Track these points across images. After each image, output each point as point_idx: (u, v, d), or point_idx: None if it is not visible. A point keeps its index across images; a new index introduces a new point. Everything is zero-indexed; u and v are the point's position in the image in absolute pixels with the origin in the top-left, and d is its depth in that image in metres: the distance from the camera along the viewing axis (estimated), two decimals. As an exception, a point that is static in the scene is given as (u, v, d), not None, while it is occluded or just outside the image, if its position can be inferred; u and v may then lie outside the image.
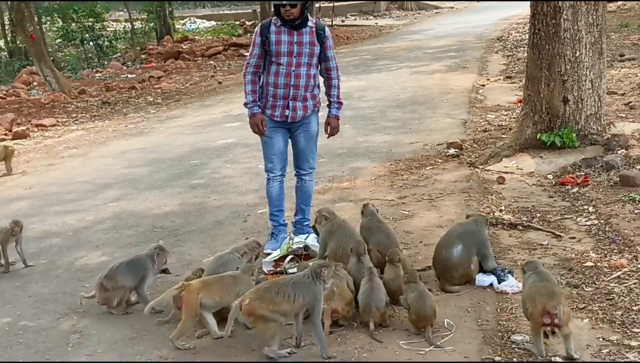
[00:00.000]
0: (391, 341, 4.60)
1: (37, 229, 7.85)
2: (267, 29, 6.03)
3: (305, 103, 6.16)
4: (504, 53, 19.96)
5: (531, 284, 4.41)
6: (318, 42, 6.08)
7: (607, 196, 7.08)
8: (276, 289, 4.41)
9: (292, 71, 6.03)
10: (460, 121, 11.54)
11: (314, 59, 6.10)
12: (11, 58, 29.42)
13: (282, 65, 6.02)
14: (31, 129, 15.12)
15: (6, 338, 5.20)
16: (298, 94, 6.09)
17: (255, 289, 4.50)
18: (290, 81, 6.04)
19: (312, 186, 6.56)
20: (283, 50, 5.99)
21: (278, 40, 5.99)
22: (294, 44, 5.99)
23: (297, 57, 6.02)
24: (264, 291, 4.41)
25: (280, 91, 6.07)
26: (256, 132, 6.23)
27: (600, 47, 8.32)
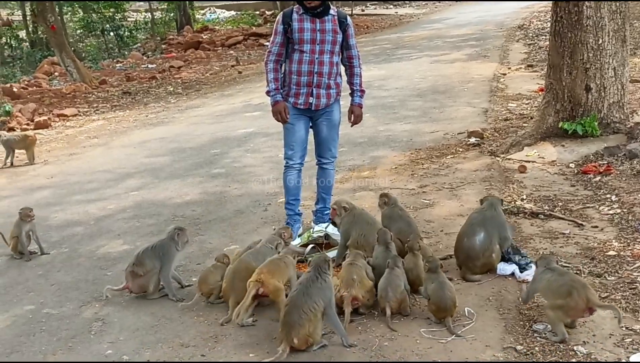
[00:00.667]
0: (412, 330, 4.59)
1: (59, 218, 7.91)
2: (290, 17, 6.00)
3: (328, 91, 6.12)
4: (525, 42, 19.86)
5: (552, 279, 4.44)
6: (340, 30, 6.04)
7: (630, 184, 7.03)
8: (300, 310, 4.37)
9: (315, 58, 5.99)
10: (481, 109, 11.49)
11: (336, 47, 6.06)
12: (33, 49, 29.59)
13: (306, 52, 5.97)
14: (53, 119, 15.20)
15: (30, 325, 5.24)
16: (322, 82, 6.05)
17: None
18: (314, 68, 6.00)
19: (333, 175, 6.54)
20: (306, 37, 5.96)
21: (301, 28, 5.95)
22: (316, 31, 5.95)
23: (320, 44, 5.98)
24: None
25: (303, 79, 6.03)
26: (279, 120, 6.19)
27: (624, 34, 8.24)
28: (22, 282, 6.09)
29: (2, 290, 5.95)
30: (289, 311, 4.38)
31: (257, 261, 5.09)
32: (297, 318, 4.32)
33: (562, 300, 4.30)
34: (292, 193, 6.42)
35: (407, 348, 4.37)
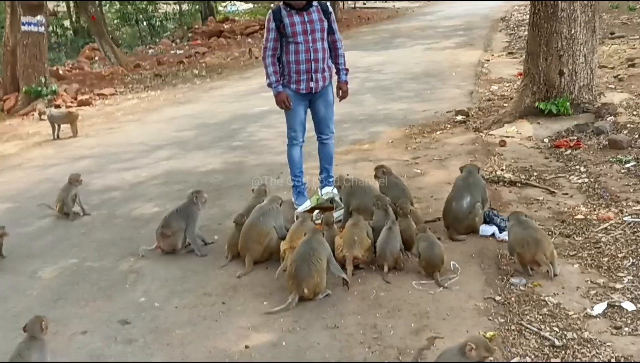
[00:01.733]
0: (405, 282, 4.61)
1: (99, 184, 7.92)
2: (280, 14, 5.92)
3: (324, 74, 6.07)
4: (506, 32, 19.72)
5: (516, 232, 4.64)
6: (325, 18, 5.99)
7: (596, 157, 7.00)
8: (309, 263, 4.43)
9: (310, 47, 5.92)
10: (467, 91, 11.42)
11: (325, 33, 6.00)
12: (76, 36, 29.52)
13: (301, 43, 5.90)
14: (93, 98, 15.20)
15: (74, 276, 5.27)
16: (319, 67, 6.00)
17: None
18: (311, 56, 5.94)
19: (333, 147, 6.51)
20: (298, 30, 5.88)
21: (292, 22, 5.87)
22: (306, 23, 5.88)
23: (311, 34, 5.91)
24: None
25: (303, 67, 5.96)
26: (282, 108, 6.14)
27: (594, 25, 8.16)
28: (67, 239, 6.13)
29: (50, 246, 5.99)
30: (298, 266, 4.40)
31: (265, 222, 5.20)
32: (307, 270, 4.36)
33: (518, 249, 4.56)
34: (298, 166, 6.39)
35: (400, 298, 4.39)
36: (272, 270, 4.92)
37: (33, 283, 5.22)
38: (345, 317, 4.20)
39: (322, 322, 4.16)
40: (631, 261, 4.62)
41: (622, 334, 3.77)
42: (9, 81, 14.76)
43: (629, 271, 4.49)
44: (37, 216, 6.82)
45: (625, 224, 5.23)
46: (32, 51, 14.36)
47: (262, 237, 5.12)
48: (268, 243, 5.13)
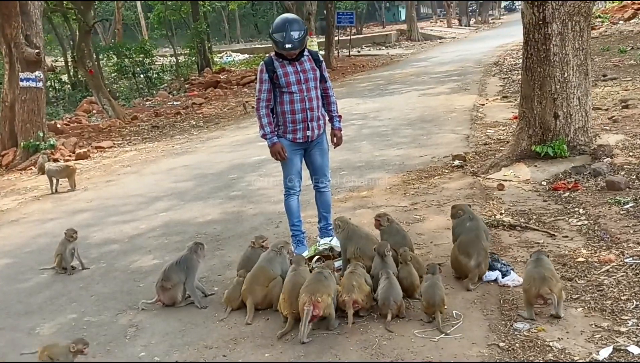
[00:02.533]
0: (407, 330, 4.56)
1: (98, 237, 7.91)
2: (272, 65, 5.93)
3: (319, 122, 6.10)
4: (500, 76, 19.87)
5: (528, 269, 4.71)
6: (317, 66, 6.04)
7: (595, 199, 7.00)
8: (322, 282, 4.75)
9: (304, 96, 5.94)
10: (464, 136, 11.48)
11: (317, 81, 6.04)
12: (73, 90, 29.80)
13: (295, 93, 5.91)
14: (91, 151, 15.27)
15: (72, 332, 5.22)
16: (314, 115, 6.02)
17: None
18: (306, 105, 5.95)
19: (330, 196, 6.49)
20: (292, 80, 5.90)
21: (285, 73, 5.89)
22: (299, 72, 5.92)
23: (305, 83, 5.94)
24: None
25: (298, 116, 5.97)
26: (278, 159, 6.11)
27: (586, 68, 8.25)
28: (66, 294, 6.08)
29: (48, 301, 5.94)
30: (311, 282, 4.70)
31: (272, 267, 5.29)
32: (320, 286, 4.64)
33: (525, 285, 4.62)
34: (296, 215, 6.34)
35: (403, 346, 4.34)
36: (272, 320, 4.89)
37: (31, 340, 5.16)
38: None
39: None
40: (635, 304, 4.58)
41: (630, 378, 3.72)
42: (7, 136, 14.86)
43: (633, 313, 4.46)
44: (35, 272, 6.79)
45: (627, 266, 5.21)
46: (30, 106, 14.48)
47: (268, 281, 5.14)
48: (272, 288, 5.10)
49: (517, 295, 4.93)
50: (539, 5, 8.08)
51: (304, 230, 6.44)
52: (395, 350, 4.29)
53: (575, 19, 8.06)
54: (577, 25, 8.09)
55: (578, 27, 8.09)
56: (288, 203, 6.29)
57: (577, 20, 8.08)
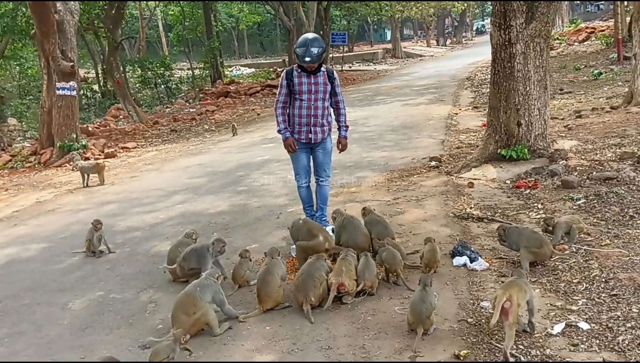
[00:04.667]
0: (389, 308, 4.57)
1: (123, 225, 7.89)
2: (291, 74, 6.06)
3: (322, 128, 6.15)
4: (472, 89, 19.89)
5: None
6: (329, 82, 6.10)
7: (552, 196, 7.01)
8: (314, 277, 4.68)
9: (312, 104, 6.03)
10: (439, 140, 11.48)
11: (327, 95, 6.11)
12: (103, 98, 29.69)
13: (304, 100, 6.02)
14: (118, 151, 15.24)
15: (100, 307, 5.22)
16: (317, 122, 6.09)
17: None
18: (311, 112, 6.05)
19: (328, 190, 6.51)
20: (304, 89, 6.00)
21: (300, 83, 6.01)
22: (312, 84, 6.00)
23: (314, 94, 6.02)
24: None
25: (303, 120, 6.08)
26: (289, 151, 6.21)
27: (545, 83, 8.26)
28: (95, 274, 6.08)
29: (79, 280, 5.93)
30: (305, 279, 4.61)
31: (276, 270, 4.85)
32: (313, 283, 4.58)
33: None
34: (306, 201, 6.49)
35: (386, 322, 4.34)
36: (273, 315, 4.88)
37: (64, 313, 5.16)
38: (338, 339, 4.15)
39: (317, 344, 4.11)
40: (585, 286, 4.60)
41: (579, 350, 3.73)
42: (45, 137, 14.82)
43: (583, 294, 4.47)
44: (68, 255, 6.78)
45: (578, 254, 5.22)
46: (66, 112, 14.44)
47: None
48: (278, 294, 4.78)
49: (483, 278, 4.94)
50: (505, 28, 8.08)
51: (314, 213, 6.47)
52: (378, 325, 4.29)
53: (536, 40, 8.07)
54: (538, 46, 8.10)
55: (539, 47, 8.11)
56: (299, 192, 6.49)
57: (538, 42, 8.09)
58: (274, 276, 4.77)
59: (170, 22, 41.02)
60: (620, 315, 4.07)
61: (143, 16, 37.84)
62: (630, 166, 7.51)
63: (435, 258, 5.11)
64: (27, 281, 6.08)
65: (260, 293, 4.71)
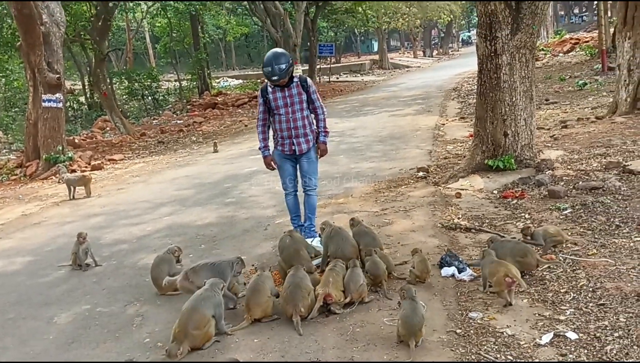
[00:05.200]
0: (378, 319, 4.55)
1: (109, 237, 7.83)
2: (266, 91, 6.17)
3: (306, 138, 6.23)
4: (458, 100, 20.00)
5: (490, 264, 4.76)
6: (304, 91, 6.16)
7: (538, 206, 7.04)
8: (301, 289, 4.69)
9: (290, 117, 6.12)
10: (427, 151, 11.52)
11: (304, 104, 6.18)
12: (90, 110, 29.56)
13: (282, 114, 6.12)
14: (105, 163, 15.14)
15: (86, 320, 5.17)
16: (299, 133, 6.18)
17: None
18: (291, 125, 6.14)
19: (316, 200, 6.54)
20: (280, 103, 6.10)
21: (275, 98, 6.10)
22: (286, 97, 6.09)
23: (291, 106, 6.11)
24: None
25: (285, 133, 6.19)
26: (268, 168, 6.43)
27: (531, 94, 8.32)
28: (81, 287, 6.02)
29: (65, 294, 5.87)
30: (292, 290, 4.61)
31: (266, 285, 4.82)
32: (301, 294, 4.58)
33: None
34: (293, 211, 6.54)
35: (374, 333, 4.32)
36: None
37: (50, 327, 5.10)
38: (326, 351, 4.12)
39: (305, 356, 4.09)
40: (572, 295, 4.61)
41: (567, 360, 3.73)
42: (31, 149, 14.70)
43: (570, 304, 4.48)
44: (54, 268, 6.72)
45: (565, 263, 5.24)
46: (52, 124, 14.34)
47: (265, 296, 4.72)
48: (268, 305, 4.75)
49: (472, 288, 4.94)
50: (491, 39, 8.15)
51: (300, 224, 6.51)
52: (367, 337, 4.27)
53: (522, 51, 8.14)
54: (524, 57, 8.17)
55: (524, 58, 8.18)
56: (286, 201, 6.55)
57: (524, 53, 8.16)
58: (264, 286, 4.77)
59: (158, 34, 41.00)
60: (608, 324, 4.09)
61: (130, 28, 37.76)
62: (616, 176, 7.57)
63: (427, 268, 5.13)
64: (12, 295, 6.01)
65: (250, 302, 4.69)
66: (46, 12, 14.51)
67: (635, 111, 11.65)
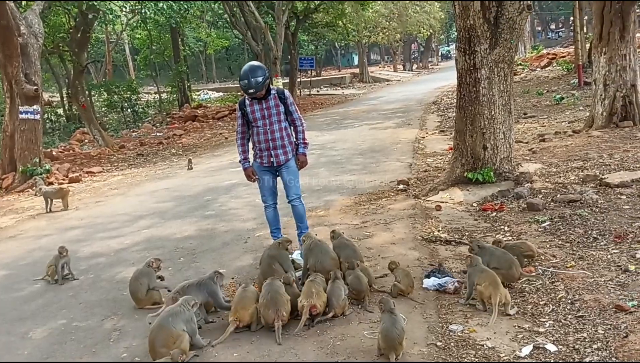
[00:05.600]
0: (358, 332, 4.52)
1: (87, 251, 7.72)
2: (243, 104, 6.17)
3: (284, 149, 6.21)
4: (438, 113, 20.14)
5: (480, 273, 4.77)
6: (281, 103, 6.15)
7: (517, 218, 7.09)
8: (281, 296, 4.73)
9: (267, 129, 6.11)
10: (407, 164, 11.56)
11: (281, 116, 6.16)
12: (68, 122, 29.34)
13: (260, 127, 6.11)
14: (83, 175, 14.99)
15: (62, 336, 5.07)
16: (277, 145, 6.16)
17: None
18: (269, 137, 6.12)
19: (302, 209, 6.45)
20: (258, 116, 6.09)
21: (252, 111, 6.09)
22: (264, 110, 6.08)
23: (268, 118, 6.09)
24: None
25: (263, 145, 6.17)
26: (249, 180, 6.38)
27: (510, 107, 8.41)
28: (57, 302, 5.91)
29: (40, 309, 5.77)
30: (273, 296, 4.62)
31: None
32: (282, 301, 4.61)
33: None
34: (273, 224, 6.47)
35: (355, 346, 4.30)
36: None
37: (24, 343, 5.00)
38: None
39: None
40: (551, 308, 4.63)
41: (547, 372, 3.74)
42: (7, 161, 14.51)
43: (549, 316, 4.50)
44: (30, 282, 6.60)
45: (544, 276, 5.27)
46: (29, 136, 14.21)
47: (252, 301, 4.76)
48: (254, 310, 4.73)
49: (452, 301, 4.94)
50: (470, 53, 8.23)
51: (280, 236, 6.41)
52: (347, 350, 4.25)
53: (500, 65, 8.24)
54: (502, 71, 8.26)
55: (503, 72, 8.27)
56: (265, 214, 6.49)
57: (502, 67, 8.25)
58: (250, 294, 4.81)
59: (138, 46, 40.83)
60: (587, 336, 4.11)
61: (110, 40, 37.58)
62: (593, 189, 7.66)
63: (412, 282, 5.13)
64: (-14, 310, 5.89)
65: (237, 306, 4.68)
66: (24, 24, 14.42)
67: (611, 125, 11.84)
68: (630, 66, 11.78)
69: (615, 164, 8.82)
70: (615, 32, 11.67)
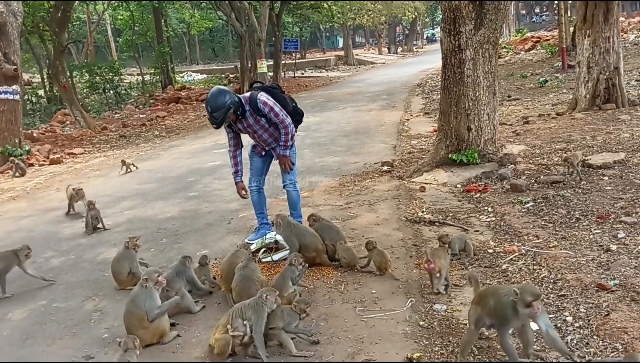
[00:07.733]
0: (341, 312, 4.51)
1: (68, 232, 7.66)
2: (228, 124, 5.99)
3: (279, 143, 6.04)
4: (422, 96, 20.11)
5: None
6: (260, 116, 5.90)
7: (501, 199, 7.10)
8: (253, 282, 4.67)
9: (258, 139, 6.11)
10: (391, 145, 11.54)
11: (266, 125, 5.97)
12: (49, 103, 28.94)
13: (250, 134, 6.08)
14: (64, 157, 14.83)
15: (42, 317, 5.02)
16: (271, 146, 6.14)
17: None
18: (261, 142, 6.11)
19: (295, 195, 6.34)
20: (247, 131, 6.05)
21: (239, 128, 6.02)
22: (246, 127, 5.98)
23: (254, 133, 6.03)
24: None
25: (258, 147, 6.24)
26: (240, 196, 6.23)
27: (494, 89, 8.40)
28: (37, 283, 5.83)
29: (20, 289, 5.71)
30: (245, 283, 4.60)
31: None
32: (255, 286, 4.53)
33: None
34: (257, 207, 6.38)
35: (338, 326, 4.29)
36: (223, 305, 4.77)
37: (3, 324, 4.95)
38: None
39: (269, 349, 4.01)
40: (534, 287, 4.64)
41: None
42: (-14, 143, 14.29)
43: (532, 295, 4.50)
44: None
45: (526, 256, 5.29)
46: (8, 116, 13.98)
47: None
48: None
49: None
50: (455, 34, 8.19)
51: (264, 221, 6.38)
52: (331, 329, 4.24)
53: (485, 46, 8.21)
54: (487, 52, 8.24)
55: (487, 53, 8.24)
56: (251, 196, 6.33)
57: (487, 48, 8.23)
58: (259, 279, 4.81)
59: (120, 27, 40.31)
60: (569, 314, 4.12)
61: (91, 20, 37.03)
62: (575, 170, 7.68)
63: (386, 259, 5.15)
64: (-36, 291, 5.80)
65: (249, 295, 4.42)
66: (2, 2, 14.10)
67: (594, 107, 11.88)
68: (613, 48, 11.80)
69: (597, 145, 8.86)
70: (599, 15, 11.67)
